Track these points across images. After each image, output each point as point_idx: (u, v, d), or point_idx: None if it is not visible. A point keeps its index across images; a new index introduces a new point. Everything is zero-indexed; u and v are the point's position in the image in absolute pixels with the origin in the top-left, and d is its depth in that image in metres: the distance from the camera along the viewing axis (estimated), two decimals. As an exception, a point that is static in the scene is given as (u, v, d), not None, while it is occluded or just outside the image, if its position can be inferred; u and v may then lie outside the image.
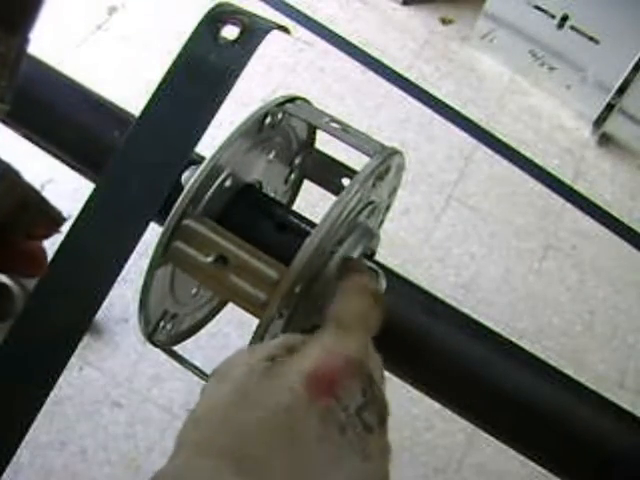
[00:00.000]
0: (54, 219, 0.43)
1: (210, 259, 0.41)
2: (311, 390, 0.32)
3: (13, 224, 0.41)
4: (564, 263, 1.67)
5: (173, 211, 0.41)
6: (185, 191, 0.41)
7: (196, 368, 0.46)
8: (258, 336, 0.39)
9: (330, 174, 0.51)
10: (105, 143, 0.51)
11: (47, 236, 0.43)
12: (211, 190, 0.42)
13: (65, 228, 0.43)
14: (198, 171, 0.41)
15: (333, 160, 0.51)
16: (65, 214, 0.44)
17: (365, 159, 0.43)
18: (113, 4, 1.97)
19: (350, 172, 0.49)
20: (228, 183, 0.43)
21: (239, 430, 0.31)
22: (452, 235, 1.66)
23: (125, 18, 1.96)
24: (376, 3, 2.11)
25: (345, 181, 0.50)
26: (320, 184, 0.52)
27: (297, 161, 0.51)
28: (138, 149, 0.45)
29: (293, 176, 0.52)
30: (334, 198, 0.41)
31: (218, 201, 0.43)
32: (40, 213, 0.43)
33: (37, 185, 0.43)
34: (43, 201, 0.43)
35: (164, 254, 0.41)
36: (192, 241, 0.41)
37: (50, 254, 0.43)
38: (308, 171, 0.53)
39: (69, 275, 0.43)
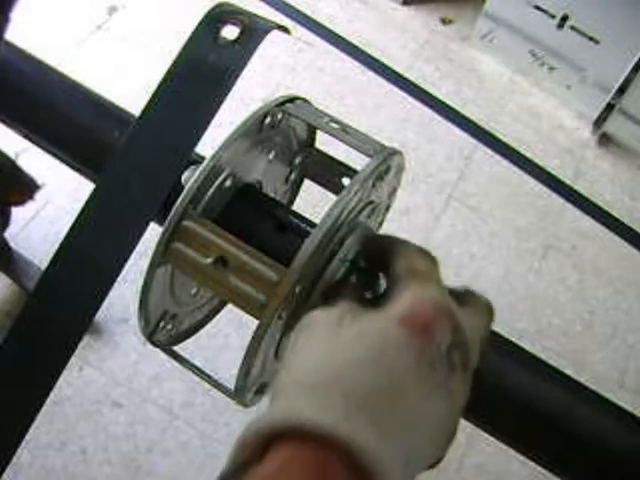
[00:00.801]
0: (28, 186, 0.44)
1: (210, 260, 0.41)
2: (406, 332, 0.33)
3: None
4: (564, 263, 1.67)
5: (173, 211, 0.41)
6: (185, 191, 0.41)
7: (196, 368, 0.46)
8: (257, 338, 0.39)
9: (330, 174, 0.51)
10: (105, 143, 0.51)
11: (21, 203, 0.44)
12: (211, 190, 0.42)
13: (65, 228, 0.43)
14: (198, 171, 0.41)
15: (333, 160, 0.51)
16: (39, 182, 0.44)
17: (365, 159, 0.43)
18: (113, 4, 1.97)
19: (350, 171, 0.49)
20: (228, 183, 0.43)
21: (338, 371, 0.32)
22: (452, 235, 1.66)
23: (125, 18, 1.96)
24: (376, 3, 2.11)
25: (345, 181, 0.50)
26: (320, 184, 0.52)
27: (297, 161, 0.51)
28: (138, 149, 0.45)
29: (293, 176, 0.52)
30: (334, 198, 0.41)
31: (218, 201, 0.43)
32: (14, 181, 0.43)
33: (11, 154, 0.43)
34: (17, 169, 0.43)
35: (164, 254, 0.41)
36: (192, 242, 0.41)
37: (50, 254, 0.43)
38: (308, 171, 0.53)
39: (69, 275, 0.43)
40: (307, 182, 0.54)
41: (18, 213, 1.52)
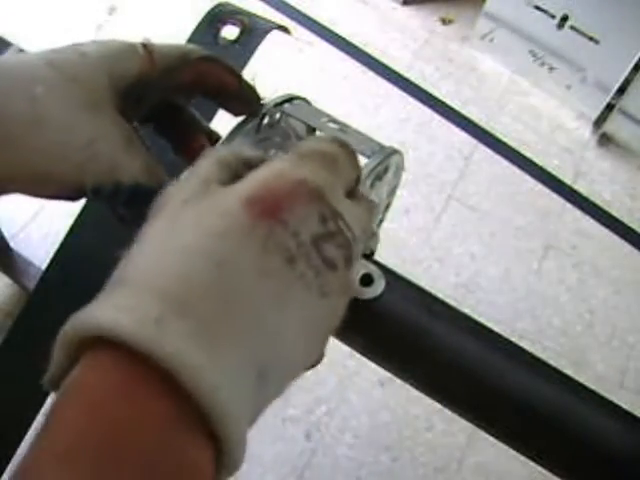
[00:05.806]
0: (210, 136, 0.44)
1: None
2: (251, 213, 0.27)
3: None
4: (564, 263, 1.67)
5: None
6: None
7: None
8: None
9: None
10: (105, 143, 0.51)
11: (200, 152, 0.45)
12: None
13: (65, 228, 0.43)
14: None
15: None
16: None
17: (364, 159, 0.43)
18: (113, 4, 1.97)
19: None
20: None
21: (163, 266, 0.26)
22: (452, 235, 1.66)
23: (125, 18, 1.96)
24: (376, 3, 2.11)
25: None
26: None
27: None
28: (138, 149, 0.45)
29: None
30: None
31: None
32: (198, 131, 0.44)
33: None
34: (200, 121, 0.44)
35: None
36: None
37: (50, 254, 0.43)
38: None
39: (69, 275, 0.43)
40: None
41: (18, 213, 1.52)
